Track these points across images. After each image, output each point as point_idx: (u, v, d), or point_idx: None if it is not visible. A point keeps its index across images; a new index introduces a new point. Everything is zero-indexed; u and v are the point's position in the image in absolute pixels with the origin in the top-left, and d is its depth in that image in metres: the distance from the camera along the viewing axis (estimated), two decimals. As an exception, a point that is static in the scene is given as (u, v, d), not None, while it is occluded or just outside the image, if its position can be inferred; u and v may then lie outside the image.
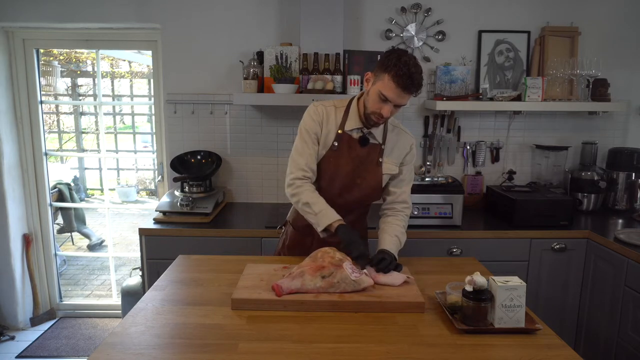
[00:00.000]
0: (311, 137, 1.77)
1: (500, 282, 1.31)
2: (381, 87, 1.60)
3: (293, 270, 1.52)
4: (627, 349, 2.17)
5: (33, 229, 3.23)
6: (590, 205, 2.81)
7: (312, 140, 1.77)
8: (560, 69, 2.73)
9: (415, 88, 1.59)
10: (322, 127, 1.77)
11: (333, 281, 1.47)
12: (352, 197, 1.81)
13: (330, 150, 1.77)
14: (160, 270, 1.79)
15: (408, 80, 1.56)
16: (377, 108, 1.64)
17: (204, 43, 2.85)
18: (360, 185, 1.79)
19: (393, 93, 1.59)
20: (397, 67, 1.55)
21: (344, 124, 1.77)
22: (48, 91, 5.72)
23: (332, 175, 1.79)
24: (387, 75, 1.57)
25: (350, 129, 1.76)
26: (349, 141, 1.76)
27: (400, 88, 1.57)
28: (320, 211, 1.69)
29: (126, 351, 1.20)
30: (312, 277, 1.47)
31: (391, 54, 1.59)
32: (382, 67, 1.60)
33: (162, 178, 3.15)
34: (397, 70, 1.55)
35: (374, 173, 1.79)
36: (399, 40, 2.87)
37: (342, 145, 1.76)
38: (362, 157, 1.78)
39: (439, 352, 1.22)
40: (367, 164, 1.79)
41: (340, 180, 1.79)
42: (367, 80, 1.69)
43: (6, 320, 3.17)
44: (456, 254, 2.44)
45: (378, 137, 1.79)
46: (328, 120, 1.78)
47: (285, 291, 1.44)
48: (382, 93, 1.60)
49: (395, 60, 1.56)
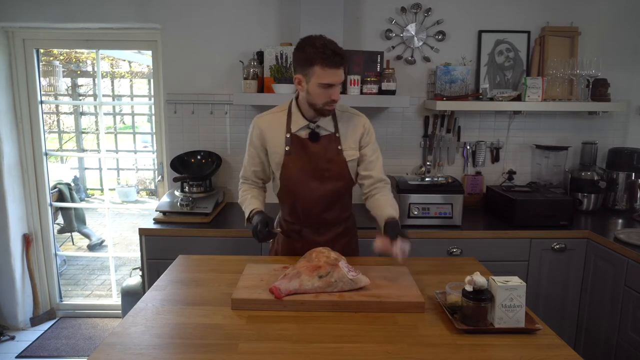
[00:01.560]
0: (250, 152, 1.88)
1: (500, 282, 1.31)
2: (318, 79, 1.61)
3: (288, 272, 1.52)
4: (627, 349, 2.17)
5: (33, 229, 3.23)
6: (590, 205, 2.81)
7: (251, 155, 1.87)
8: (560, 69, 2.73)
9: (344, 59, 1.62)
10: (266, 139, 1.82)
11: (330, 280, 1.47)
12: (326, 192, 1.81)
13: (286, 156, 1.79)
14: (160, 270, 1.79)
15: (337, 58, 1.59)
16: (327, 97, 1.65)
17: (204, 43, 2.85)
18: (330, 178, 1.80)
19: (331, 76, 1.61)
20: (319, 53, 1.58)
21: (289, 127, 1.79)
22: (50, 91, 5.71)
23: (298, 177, 1.80)
24: (316, 67, 1.60)
25: (296, 130, 1.78)
26: (300, 141, 1.78)
27: (335, 68, 1.60)
28: (244, 209, 1.85)
29: (126, 351, 1.20)
30: (309, 277, 1.47)
31: (305, 47, 1.61)
32: (306, 62, 1.61)
33: (162, 178, 3.15)
34: (322, 56, 1.58)
35: (337, 163, 1.80)
36: (399, 40, 2.87)
37: (295, 147, 1.78)
38: (320, 151, 1.78)
39: (439, 352, 1.22)
40: (328, 156, 1.79)
41: (308, 180, 1.80)
42: (300, 83, 1.69)
43: (6, 320, 3.18)
44: (456, 254, 2.44)
45: (328, 127, 1.80)
46: (270, 129, 1.81)
47: (284, 293, 1.44)
48: (322, 83, 1.62)
49: (313, 49, 1.59)
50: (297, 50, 1.66)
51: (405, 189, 2.49)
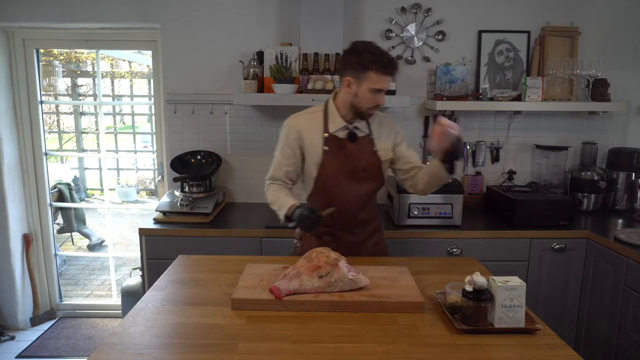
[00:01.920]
0: (285, 153, 1.86)
1: (500, 282, 1.31)
2: (370, 84, 1.68)
3: (288, 272, 1.52)
4: (627, 349, 2.17)
5: (33, 229, 3.23)
6: (590, 205, 2.81)
7: (286, 155, 1.86)
8: (560, 69, 2.73)
9: (397, 69, 1.72)
10: (304, 139, 1.82)
11: (330, 280, 1.47)
12: (362, 191, 1.86)
13: (324, 156, 1.80)
14: (160, 270, 1.79)
15: (391, 67, 1.68)
16: (374, 102, 1.72)
17: (204, 43, 2.85)
18: (365, 178, 1.85)
19: (383, 83, 1.69)
20: (377, 62, 1.65)
21: (327, 128, 1.81)
22: (49, 91, 5.71)
23: (335, 178, 1.82)
24: (371, 72, 1.66)
25: (334, 130, 1.81)
26: (338, 141, 1.81)
27: (388, 75, 1.69)
28: (278, 208, 1.80)
29: (126, 351, 1.20)
30: (309, 277, 1.47)
31: (362, 52, 1.67)
32: (361, 66, 1.67)
33: (162, 178, 3.15)
34: (379, 63, 1.65)
35: (372, 163, 1.85)
36: (399, 40, 2.87)
37: (333, 148, 1.80)
38: (357, 151, 1.82)
39: (439, 352, 1.22)
40: (364, 156, 1.83)
41: (345, 180, 1.82)
42: (349, 85, 1.73)
43: (6, 320, 3.18)
44: (456, 254, 2.44)
45: (363, 129, 1.84)
46: (308, 130, 1.82)
47: (284, 293, 1.44)
48: (374, 88, 1.68)
49: (371, 55, 1.66)
50: (350, 53, 1.72)
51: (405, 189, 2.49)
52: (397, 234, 2.43)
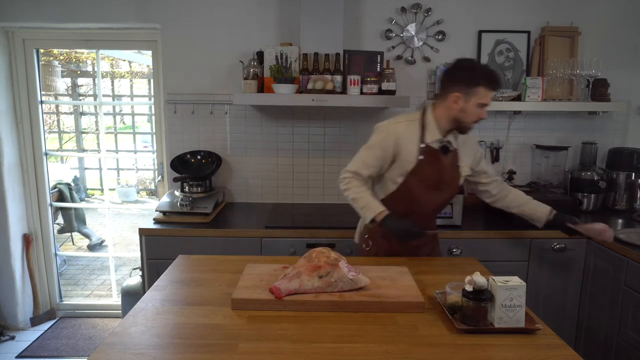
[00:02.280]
0: (376, 154, 1.89)
1: (500, 282, 1.31)
2: (479, 99, 1.78)
3: (288, 272, 1.52)
4: (627, 349, 2.17)
5: (33, 229, 3.23)
6: (590, 205, 2.81)
7: (378, 157, 1.89)
8: (560, 69, 2.73)
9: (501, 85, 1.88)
10: (401, 146, 1.87)
11: (330, 280, 1.47)
12: (439, 201, 1.97)
13: (418, 164, 1.86)
14: (160, 270, 1.79)
15: (498, 83, 1.80)
16: (478, 116, 1.82)
17: (204, 43, 2.85)
18: (445, 190, 1.94)
19: (490, 98, 1.80)
20: (486, 78, 1.76)
21: (424, 138, 1.86)
22: (50, 91, 5.72)
23: (421, 186, 1.88)
24: (481, 88, 1.76)
25: (431, 141, 1.87)
26: (433, 152, 1.87)
27: (494, 91, 1.80)
28: (365, 205, 1.85)
29: (126, 351, 1.20)
30: (309, 277, 1.47)
31: (474, 68, 1.78)
32: (471, 82, 1.76)
33: (162, 178, 3.15)
34: (488, 79, 1.76)
35: (454, 178, 1.95)
36: (399, 40, 2.87)
37: (427, 158, 1.86)
38: (446, 165, 1.91)
39: (439, 352, 1.22)
40: (450, 169, 1.93)
41: (428, 188, 1.89)
42: (457, 100, 1.80)
43: (6, 320, 3.18)
44: (456, 254, 2.44)
45: (454, 144, 1.93)
46: (405, 137, 1.87)
47: (284, 293, 1.44)
48: (482, 103, 1.79)
49: (482, 71, 1.77)
50: (461, 69, 1.81)
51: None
52: (397, 234, 2.42)
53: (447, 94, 1.82)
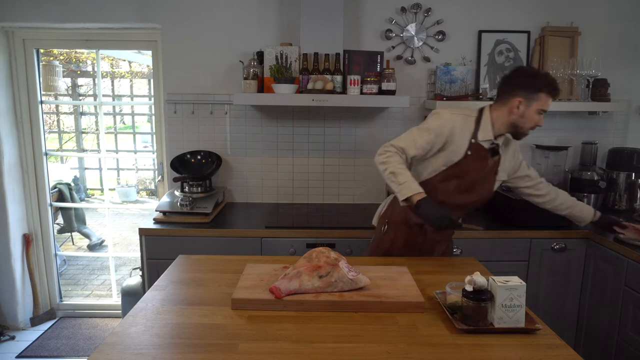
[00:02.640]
0: (427, 138, 1.86)
1: (500, 282, 1.31)
2: (540, 105, 1.82)
3: (288, 272, 1.52)
4: (627, 349, 2.17)
5: (33, 229, 3.23)
6: (591, 205, 2.80)
7: (428, 141, 1.86)
8: (560, 69, 2.73)
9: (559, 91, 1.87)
10: (453, 137, 1.86)
11: (331, 280, 1.47)
12: (470, 200, 1.96)
13: (464, 158, 1.86)
14: (160, 270, 1.79)
15: (558, 90, 1.83)
16: (535, 122, 1.85)
17: (204, 43, 2.85)
18: (478, 190, 1.94)
19: (549, 105, 1.84)
20: (549, 84, 1.80)
21: (476, 134, 1.87)
22: (49, 91, 5.71)
23: (458, 180, 1.89)
24: (542, 94, 1.80)
25: (482, 140, 1.88)
26: (481, 151, 1.88)
27: (554, 98, 1.84)
28: (404, 182, 1.78)
29: (126, 351, 1.20)
30: (309, 277, 1.47)
31: (537, 75, 1.83)
32: (534, 88, 1.81)
33: (162, 178, 3.15)
34: (550, 87, 1.80)
35: (490, 181, 1.96)
36: (399, 40, 2.87)
37: (474, 154, 1.87)
38: (489, 166, 1.92)
39: (439, 352, 1.22)
40: (488, 173, 1.94)
41: (464, 185, 1.90)
42: (518, 105, 1.83)
43: (6, 320, 3.18)
44: (456, 254, 2.44)
45: (501, 149, 1.93)
46: (461, 129, 1.87)
47: (284, 293, 1.44)
48: (542, 109, 1.83)
49: (544, 78, 1.81)
50: (525, 75, 1.85)
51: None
52: (397, 234, 2.42)
53: (509, 99, 1.85)
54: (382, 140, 2.96)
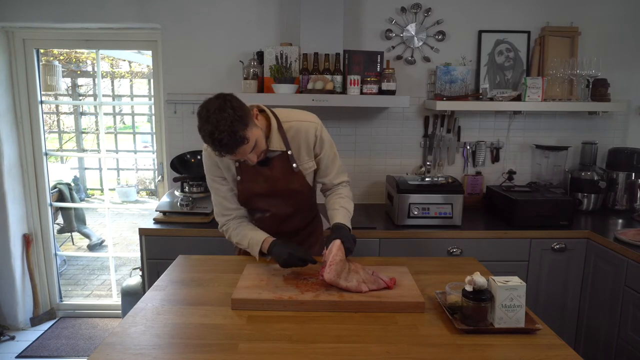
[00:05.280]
0: (215, 180, 1.76)
1: (500, 282, 1.31)
2: None
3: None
4: (627, 349, 2.18)
5: (33, 229, 3.23)
6: (590, 205, 2.81)
7: (218, 182, 1.76)
8: (560, 69, 2.73)
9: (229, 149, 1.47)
10: (220, 165, 1.73)
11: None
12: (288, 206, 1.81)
13: (239, 183, 1.75)
14: (160, 270, 1.79)
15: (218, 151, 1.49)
16: None
17: (204, 43, 2.85)
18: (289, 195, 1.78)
19: None
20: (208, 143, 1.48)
21: None
22: (50, 91, 5.71)
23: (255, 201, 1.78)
24: None
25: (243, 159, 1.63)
26: (250, 167, 1.70)
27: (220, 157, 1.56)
28: (248, 245, 1.73)
29: (126, 351, 1.20)
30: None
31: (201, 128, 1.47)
32: None
33: (162, 178, 3.15)
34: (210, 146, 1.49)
35: (295, 181, 1.76)
36: (399, 40, 2.87)
37: (246, 174, 1.73)
38: (275, 173, 1.73)
39: (439, 352, 1.22)
40: (283, 175, 1.74)
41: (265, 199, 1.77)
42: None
43: (6, 320, 3.18)
44: (456, 254, 2.44)
45: (278, 146, 1.69)
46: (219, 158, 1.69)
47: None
48: None
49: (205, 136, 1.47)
50: None
51: (405, 189, 2.49)
52: (397, 234, 2.43)
53: None
54: (381, 140, 2.97)
